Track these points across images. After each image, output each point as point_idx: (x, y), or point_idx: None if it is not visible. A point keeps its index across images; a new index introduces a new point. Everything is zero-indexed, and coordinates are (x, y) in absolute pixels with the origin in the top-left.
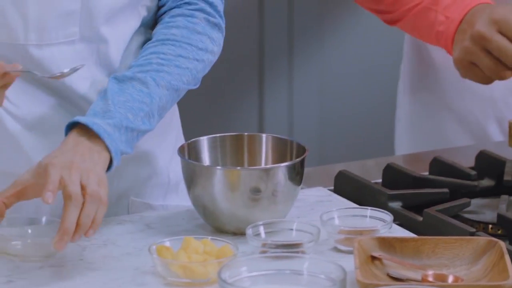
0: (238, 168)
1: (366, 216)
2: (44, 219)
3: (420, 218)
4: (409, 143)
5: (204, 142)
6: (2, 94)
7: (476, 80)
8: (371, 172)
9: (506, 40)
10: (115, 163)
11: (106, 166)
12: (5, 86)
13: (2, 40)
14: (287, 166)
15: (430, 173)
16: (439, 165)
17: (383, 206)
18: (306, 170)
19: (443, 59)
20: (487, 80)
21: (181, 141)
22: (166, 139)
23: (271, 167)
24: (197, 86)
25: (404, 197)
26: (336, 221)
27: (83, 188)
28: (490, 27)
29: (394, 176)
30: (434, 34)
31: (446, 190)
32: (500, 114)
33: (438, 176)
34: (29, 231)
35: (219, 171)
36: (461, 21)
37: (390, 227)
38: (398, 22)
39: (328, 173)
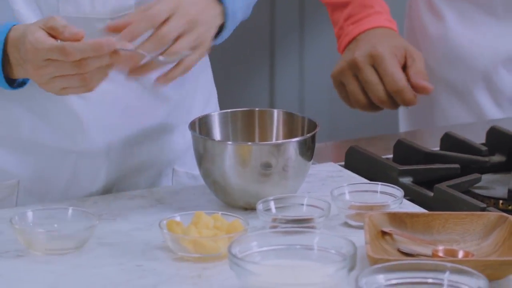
0: (249, 143)
1: (376, 192)
2: (70, 210)
3: (431, 194)
4: (410, 119)
5: (215, 117)
6: (105, 73)
7: (342, 98)
8: (382, 147)
9: (375, 75)
10: (228, 29)
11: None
12: (112, 65)
13: (70, 14)
14: (298, 142)
15: (441, 149)
16: (450, 141)
17: (394, 181)
18: (317, 145)
19: (436, 32)
20: (350, 103)
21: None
22: (208, 106)
23: (282, 142)
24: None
25: (415, 173)
26: (347, 196)
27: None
28: (366, 58)
29: (405, 151)
30: (335, 33)
31: (457, 165)
32: (494, 86)
33: (449, 151)
34: (55, 225)
35: (230, 146)
36: (353, 38)
37: (401, 203)
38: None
39: (339, 149)
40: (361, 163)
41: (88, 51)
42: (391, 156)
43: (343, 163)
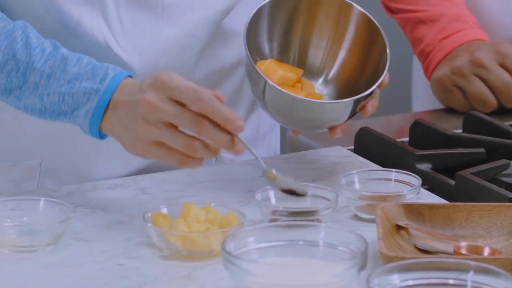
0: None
1: (390, 180)
2: (42, 201)
3: (452, 182)
4: (426, 98)
5: None
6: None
7: (453, 104)
8: (396, 129)
9: (507, 74)
10: None
11: None
12: (216, 151)
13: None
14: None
15: (464, 131)
16: (474, 122)
17: (410, 168)
18: (323, 131)
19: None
20: (465, 106)
21: None
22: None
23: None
24: None
25: (434, 158)
26: (357, 185)
27: None
28: (493, 57)
29: (422, 134)
30: (419, 50)
31: (482, 150)
32: None
33: (473, 134)
34: (25, 218)
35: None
36: (451, 51)
37: (418, 192)
38: (396, 15)
39: (348, 130)
40: (373, 147)
41: (218, 114)
42: (407, 139)
43: (352, 147)
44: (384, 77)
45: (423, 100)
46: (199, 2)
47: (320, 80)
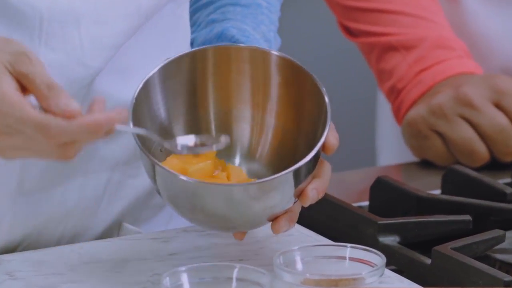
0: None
1: (344, 258)
2: None
3: (428, 261)
4: (396, 147)
5: None
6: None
7: (430, 156)
8: (353, 190)
9: (504, 117)
10: None
11: None
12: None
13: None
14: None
15: (444, 192)
16: (457, 179)
17: (371, 241)
18: None
19: (449, 16)
20: (446, 159)
21: None
22: None
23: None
24: None
25: (403, 228)
26: (299, 266)
27: None
28: (485, 94)
29: (387, 196)
30: (389, 86)
31: (467, 217)
32: None
33: (456, 195)
34: None
35: None
36: (432, 87)
37: (381, 274)
38: (357, 38)
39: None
40: (320, 214)
41: (82, 134)
42: (366, 203)
43: None
44: (326, 137)
45: (390, 150)
46: (91, 17)
47: (255, 161)
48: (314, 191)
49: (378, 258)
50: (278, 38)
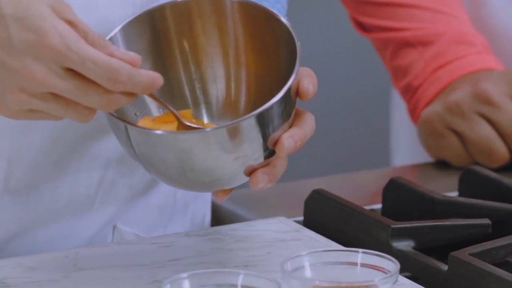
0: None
1: (356, 264)
2: None
3: (445, 267)
4: (411, 148)
5: None
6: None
7: (446, 156)
8: (365, 191)
9: None
10: None
11: None
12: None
13: None
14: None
15: (461, 194)
16: (475, 181)
17: (384, 247)
18: (260, 192)
19: (473, 12)
20: (463, 159)
21: None
22: None
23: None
24: None
25: (418, 233)
26: (308, 272)
27: None
28: (505, 90)
29: (401, 198)
30: (404, 84)
31: (486, 221)
32: None
33: (474, 198)
34: None
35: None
36: (449, 84)
37: (395, 281)
38: (371, 34)
39: (295, 195)
40: (330, 218)
41: (142, 85)
42: (379, 206)
43: (301, 218)
44: (300, 82)
45: (405, 150)
46: (78, 2)
47: (233, 119)
48: (290, 140)
49: (391, 264)
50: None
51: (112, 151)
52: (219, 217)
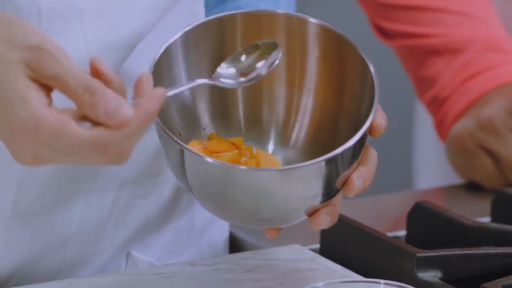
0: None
1: None
2: None
3: None
4: (437, 168)
5: None
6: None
7: (478, 177)
8: (384, 216)
9: None
10: None
11: None
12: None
13: None
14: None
15: (494, 219)
16: (509, 204)
17: (408, 277)
18: None
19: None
20: (496, 180)
21: None
22: None
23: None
24: None
25: (446, 262)
26: None
27: None
28: None
29: (428, 224)
30: (430, 96)
31: None
32: None
33: (507, 223)
34: None
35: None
36: (481, 97)
37: None
38: (393, 40)
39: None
40: (349, 246)
41: (139, 134)
42: (403, 233)
43: (317, 245)
44: (375, 116)
45: (431, 171)
46: (96, 10)
47: (290, 147)
48: (360, 180)
49: None
50: None
51: (127, 169)
52: (232, 244)
